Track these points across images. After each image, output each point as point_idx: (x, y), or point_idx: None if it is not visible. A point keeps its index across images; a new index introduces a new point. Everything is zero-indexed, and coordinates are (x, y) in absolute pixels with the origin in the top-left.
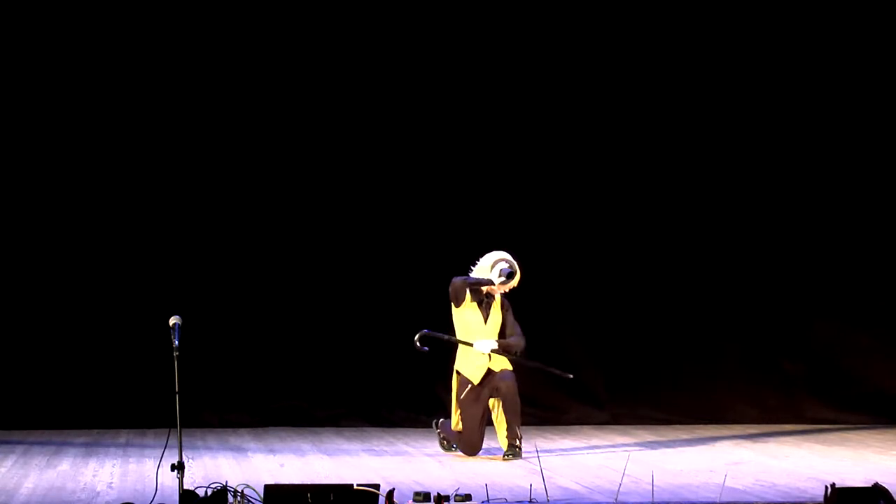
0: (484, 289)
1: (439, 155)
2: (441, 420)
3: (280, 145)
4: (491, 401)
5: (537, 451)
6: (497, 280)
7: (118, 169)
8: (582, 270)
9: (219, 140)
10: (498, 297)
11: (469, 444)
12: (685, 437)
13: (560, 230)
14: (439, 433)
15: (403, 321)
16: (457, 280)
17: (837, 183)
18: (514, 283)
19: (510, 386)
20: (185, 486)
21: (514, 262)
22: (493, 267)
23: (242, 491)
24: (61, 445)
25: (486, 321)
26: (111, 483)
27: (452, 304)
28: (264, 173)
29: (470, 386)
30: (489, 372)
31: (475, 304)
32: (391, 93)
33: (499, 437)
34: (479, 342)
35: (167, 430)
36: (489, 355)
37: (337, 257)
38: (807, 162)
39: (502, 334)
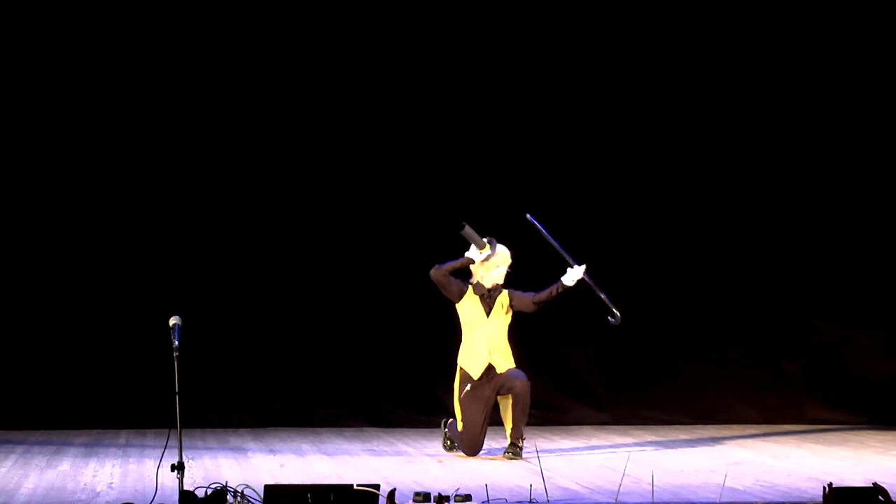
0: (485, 283)
1: (438, 158)
2: (450, 420)
3: (280, 147)
4: (502, 400)
5: (537, 451)
6: (477, 257)
7: (118, 170)
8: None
9: (219, 141)
10: (504, 293)
11: (470, 443)
12: (685, 437)
13: (560, 230)
14: (446, 432)
15: (403, 322)
16: (433, 272)
17: (837, 183)
18: (498, 259)
19: (525, 385)
20: (185, 487)
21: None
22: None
23: (242, 491)
24: (61, 445)
25: (488, 315)
26: (111, 483)
27: (453, 301)
28: (264, 174)
29: (471, 384)
30: (490, 368)
31: (477, 297)
32: (391, 94)
33: (506, 432)
34: (571, 271)
35: (167, 430)
36: (489, 351)
37: (337, 258)
38: (807, 162)
39: (509, 328)
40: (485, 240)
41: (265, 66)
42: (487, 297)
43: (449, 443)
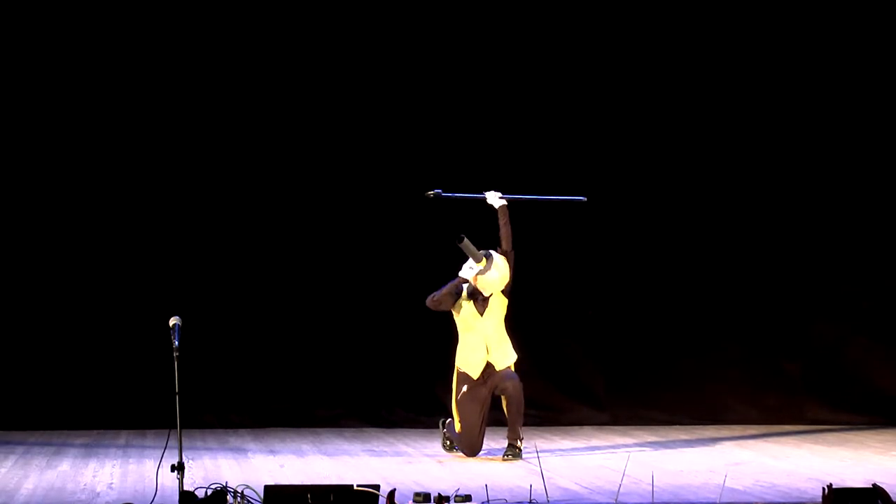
0: (475, 285)
1: (437, 157)
2: (448, 420)
3: (279, 147)
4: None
5: (537, 452)
6: (468, 274)
7: (118, 170)
8: (581, 271)
9: (218, 142)
10: (497, 292)
11: (468, 444)
12: (685, 437)
13: (560, 231)
14: (445, 433)
15: (402, 322)
16: (429, 303)
17: (837, 183)
18: (487, 270)
19: (516, 386)
20: (185, 487)
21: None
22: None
23: (242, 491)
24: (61, 446)
25: (482, 314)
26: (111, 483)
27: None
28: (264, 175)
29: (468, 385)
30: (489, 366)
31: (471, 301)
32: (394, 95)
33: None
34: (490, 194)
35: (167, 430)
36: (486, 348)
37: (336, 258)
38: (807, 162)
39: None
40: (481, 252)
41: (266, 71)
42: (483, 299)
43: (448, 443)
